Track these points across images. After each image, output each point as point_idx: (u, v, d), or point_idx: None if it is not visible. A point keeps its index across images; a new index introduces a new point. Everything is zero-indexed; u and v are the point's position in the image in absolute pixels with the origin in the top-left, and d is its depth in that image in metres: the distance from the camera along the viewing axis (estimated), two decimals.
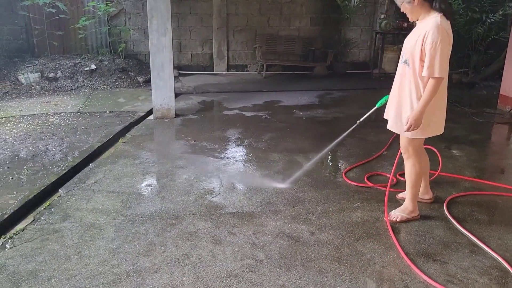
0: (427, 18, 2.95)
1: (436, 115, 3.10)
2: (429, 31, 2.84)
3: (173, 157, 4.73)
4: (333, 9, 10.09)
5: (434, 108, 3.03)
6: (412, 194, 3.32)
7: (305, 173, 4.19)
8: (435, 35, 2.81)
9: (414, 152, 3.21)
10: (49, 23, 8.59)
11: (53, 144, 4.86)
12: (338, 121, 6.26)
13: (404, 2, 2.98)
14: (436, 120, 3.12)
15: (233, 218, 3.35)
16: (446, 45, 2.85)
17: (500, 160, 4.80)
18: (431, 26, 2.84)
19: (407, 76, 3.04)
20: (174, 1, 9.20)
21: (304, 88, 8.43)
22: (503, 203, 3.68)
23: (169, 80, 6.02)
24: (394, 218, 3.32)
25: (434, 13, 2.92)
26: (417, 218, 3.36)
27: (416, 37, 2.95)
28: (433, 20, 2.87)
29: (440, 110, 3.12)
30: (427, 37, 2.84)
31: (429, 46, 2.83)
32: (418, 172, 3.25)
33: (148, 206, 3.52)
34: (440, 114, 3.13)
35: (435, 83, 2.86)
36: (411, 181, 3.29)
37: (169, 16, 5.79)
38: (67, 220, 3.28)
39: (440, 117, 3.14)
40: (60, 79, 7.94)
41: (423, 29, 2.90)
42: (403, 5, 3.01)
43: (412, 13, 3.01)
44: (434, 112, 3.05)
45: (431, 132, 3.13)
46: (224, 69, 10.09)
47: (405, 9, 3.02)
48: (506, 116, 6.52)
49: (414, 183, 3.29)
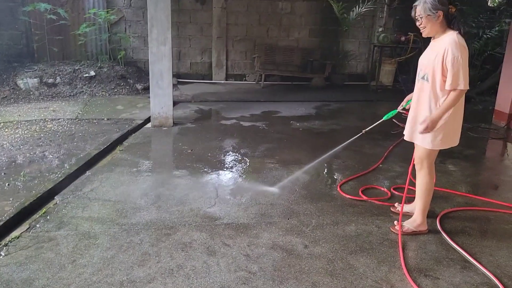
0: (443, 36, 3.07)
1: (455, 127, 3.23)
2: (448, 48, 2.96)
3: (170, 166, 4.75)
4: (332, 21, 10.18)
5: (454, 120, 3.16)
6: (423, 206, 3.38)
7: (304, 178, 4.23)
8: (455, 50, 2.94)
9: (428, 164, 3.30)
10: (50, 29, 8.64)
11: (50, 151, 4.88)
12: (335, 133, 6.31)
13: (430, 16, 3.04)
14: (455, 132, 3.25)
15: (228, 229, 3.37)
16: (465, 59, 2.98)
17: (493, 176, 4.84)
18: (450, 43, 2.97)
19: (426, 91, 3.15)
20: (175, 10, 9.29)
21: (301, 99, 8.49)
22: (495, 219, 3.71)
23: (167, 88, 6.07)
24: (405, 229, 3.38)
25: (450, 31, 3.06)
26: (425, 233, 3.40)
27: (435, 54, 3.06)
28: (450, 37, 3.01)
29: (458, 123, 3.25)
30: (447, 53, 2.96)
31: (451, 62, 2.95)
32: (430, 184, 3.34)
33: (144, 216, 3.54)
34: (458, 126, 3.27)
35: (458, 94, 3.00)
36: (422, 193, 3.36)
37: (169, 26, 5.85)
38: (62, 228, 3.29)
39: (458, 129, 3.27)
40: (59, 85, 7.97)
41: (442, 46, 3.02)
42: (426, 18, 3.06)
43: (431, 29, 3.10)
44: (453, 124, 3.18)
45: (450, 143, 3.25)
46: (223, 78, 10.15)
47: (426, 23, 3.08)
48: (501, 132, 6.58)
49: (425, 194, 3.35)
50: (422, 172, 3.34)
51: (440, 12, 3.02)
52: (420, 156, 3.31)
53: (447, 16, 3.05)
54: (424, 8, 3.05)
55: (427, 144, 3.19)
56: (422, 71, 3.20)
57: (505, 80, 6.88)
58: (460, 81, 2.95)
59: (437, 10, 3.01)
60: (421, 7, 3.07)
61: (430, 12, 3.03)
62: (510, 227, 3.57)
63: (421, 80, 3.20)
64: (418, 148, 3.32)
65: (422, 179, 3.34)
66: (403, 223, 3.41)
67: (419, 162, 3.34)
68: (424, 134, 3.15)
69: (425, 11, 3.05)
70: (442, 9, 3.02)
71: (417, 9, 3.11)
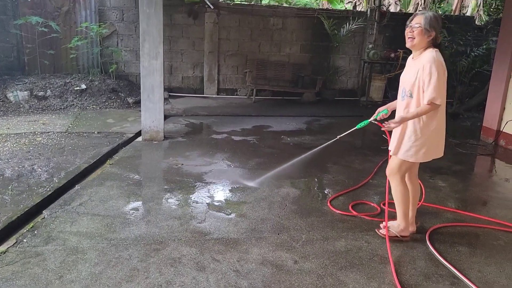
0: (424, 53, 3.19)
1: (437, 140, 3.32)
2: (426, 64, 3.09)
3: (160, 180, 4.73)
4: (323, 37, 10.32)
5: (436, 135, 3.28)
6: (403, 212, 3.48)
7: (294, 193, 4.23)
8: (432, 66, 3.06)
9: (399, 174, 3.39)
10: (41, 42, 8.64)
11: (39, 164, 4.84)
12: (325, 148, 6.31)
13: (424, 30, 3.14)
14: (437, 145, 3.34)
15: (218, 244, 3.35)
16: (442, 76, 3.08)
17: (482, 192, 4.89)
18: (427, 60, 3.10)
19: (412, 107, 3.24)
20: (167, 25, 9.36)
21: (292, 114, 8.54)
22: (484, 235, 3.74)
23: (159, 102, 6.07)
24: (384, 231, 3.49)
25: (430, 48, 3.18)
26: (407, 240, 3.51)
27: (416, 70, 3.18)
28: (429, 54, 3.14)
29: (440, 136, 3.34)
30: (425, 69, 3.09)
31: (427, 78, 3.07)
32: (404, 192, 3.42)
33: (133, 230, 3.51)
34: (440, 139, 3.35)
35: (431, 108, 3.12)
36: (399, 201, 3.46)
37: (161, 40, 5.88)
38: (50, 243, 3.25)
39: (440, 142, 3.36)
40: (49, 98, 7.94)
41: (421, 63, 3.14)
42: (420, 31, 3.15)
43: (419, 42, 3.19)
44: (435, 138, 3.29)
45: (432, 156, 3.34)
46: (214, 92, 10.19)
47: (417, 34, 3.17)
48: (489, 148, 6.67)
49: (402, 202, 3.45)
50: (393, 183, 3.45)
51: (433, 32, 3.15)
52: (392, 167, 3.42)
53: (435, 39, 3.18)
54: (425, 20, 3.16)
55: (410, 157, 3.29)
56: (405, 88, 3.29)
57: (492, 98, 6.99)
58: (436, 96, 3.06)
59: (432, 29, 3.14)
60: (422, 18, 3.18)
61: (427, 26, 3.15)
62: (499, 243, 3.60)
63: (406, 98, 3.28)
64: (393, 160, 3.42)
65: (396, 188, 3.44)
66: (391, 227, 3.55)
67: (390, 173, 3.45)
68: (408, 148, 3.26)
69: (424, 24, 3.15)
70: (436, 30, 3.16)
71: (417, 17, 3.22)
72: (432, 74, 3.05)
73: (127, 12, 9.46)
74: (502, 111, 6.78)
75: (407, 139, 3.27)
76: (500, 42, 6.93)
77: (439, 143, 3.36)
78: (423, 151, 3.25)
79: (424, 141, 3.23)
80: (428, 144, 3.25)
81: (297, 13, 10.26)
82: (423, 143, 3.23)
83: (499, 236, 3.73)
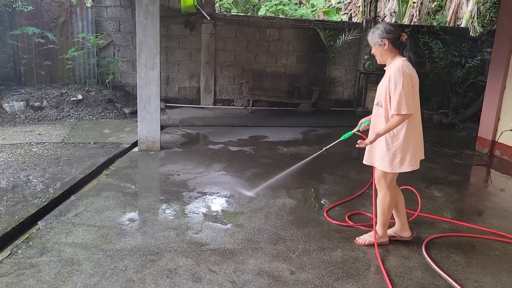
0: (392, 62, 3.26)
1: (413, 151, 3.30)
2: (391, 75, 3.14)
3: (156, 191, 4.72)
4: (319, 48, 10.39)
5: (409, 145, 3.27)
6: (384, 221, 3.55)
7: (291, 203, 4.23)
8: (398, 77, 3.11)
9: (386, 184, 3.43)
10: (38, 52, 8.65)
11: (35, 175, 4.82)
12: (321, 159, 6.33)
13: (376, 45, 3.28)
14: (413, 155, 3.32)
15: (214, 255, 3.34)
16: (408, 85, 3.11)
17: (477, 202, 4.90)
18: (393, 70, 3.16)
19: (381, 116, 3.30)
20: (164, 36, 9.41)
21: (289, 124, 8.56)
22: (480, 245, 3.74)
23: (155, 113, 6.08)
24: (362, 241, 3.58)
25: (398, 58, 3.23)
26: (386, 243, 3.59)
27: (385, 81, 3.24)
28: (396, 64, 3.19)
29: (415, 147, 3.32)
30: (391, 80, 3.14)
31: (393, 88, 3.12)
32: (389, 202, 3.48)
33: (129, 241, 3.49)
34: (416, 150, 3.33)
35: (401, 119, 3.13)
36: (381, 210, 3.52)
37: (157, 51, 5.91)
38: (44, 254, 3.23)
39: (416, 153, 3.34)
40: (45, 108, 7.94)
41: (388, 74, 3.21)
42: (375, 47, 3.32)
43: (381, 56, 3.32)
44: (409, 148, 3.28)
45: (409, 167, 3.32)
46: (211, 103, 10.21)
47: (376, 50, 3.33)
48: (484, 158, 6.70)
49: (384, 211, 3.51)
50: (381, 193, 3.49)
51: (385, 40, 3.23)
52: (378, 177, 3.47)
53: (395, 44, 3.23)
54: (372, 37, 3.30)
55: (386, 168, 3.33)
56: (377, 97, 3.36)
57: (487, 108, 7.04)
58: (403, 106, 3.08)
59: (382, 39, 3.23)
60: (370, 37, 3.32)
61: (376, 41, 3.26)
62: (495, 254, 3.60)
63: (376, 106, 3.36)
64: (377, 170, 3.47)
65: (382, 199, 3.49)
66: (365, 236, 3.65)
67: (377, 183, 3.51)
68: (382, 159, 3.31)
69: (373, 40, 3.29)
70: (388, 37, 3.22)
71: (368, 39, 3.36)
72: (397, 85, 3.10)
73: (124, 23, 9.51)
74: (497, 122, 6.82)
75: (379, 150, 3.34)
76: (494, 54, 7.00)
77: (415, 154, 3.32)
78: (397, 161, 3.27)
79: (396, 151, 3.26)
80: (402, 154, 3.26)
81: (293, 24, 10.34)
82: (395, 153, 3.26)
83: (495, 246, 3.74)
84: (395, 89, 3.10)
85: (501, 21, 6.89)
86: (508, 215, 4.45)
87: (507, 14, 6.71)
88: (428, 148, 7.08)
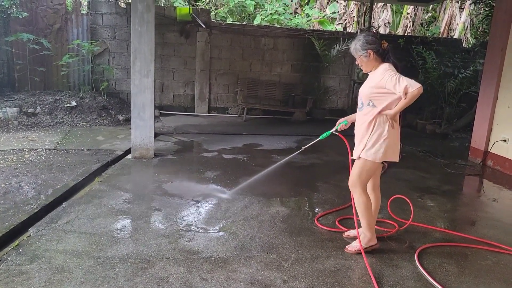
0: (378, 68, 3.39)
1: (395, 142, 3.46)
2: (382, 75, 3.29)
3: (149, 198, 4.70)
4: (314, 58, 10.46)
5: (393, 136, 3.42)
6: (367, 222, 3.56)
7: (284, 212, 4.22)
8: (390, 73, 3.25)
9: (360, 183, 3.49)
10: (32, 59, 8.64)
11: (27, 181, 4.78)
12: (315, 167, 6.36)
13: (362, 56, 3.38)
14: (395, 147, 3.47)
15: (206, 263, 3.32)
16: None
17: (470, 212, 4.91)
18: (382, 71, 3.32)
19: (369, 114, 3.40)
20: (159, 44, 9.43)
21: (283, 133, 8.58)
22: (473, 255, 3.75)
23: (149, 120, 6.07)
24: (352, 249, 3.58)
25: (383, 64, 3.38)
26: (376, 247, 3.60)
27: (372, 84, 3.37)
28: (382, 67, 3.35)
29: (397, 139, 3.48)
30: (384, 79, 3.26)
31: (391, 81, 3.22)
32: (364, 201, 3.51)
33: (120, 249, 3.46)
34: (397, 142, 3.49)
35: (416, 93, 3.17)
36: (362, 212, 3.54)
37: (152, 59, 5.92)
38: (35, 261, 3.19)
39: (397, 145, 3.49)
40: (39, 115, 7.90)
41: (378, 77, 3.33)
42: (360, 58, 3.41)
43: (366, 66, 3.44)
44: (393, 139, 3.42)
45: (390, 157, 3.46)
46: (205, 110, 10.22)
47: (362, 61, 3.42)
48: (477, 168, 6.73)
49: (365, 212, 3.53)
50: (356, 193, 3.53)
51: (369, 51, 3.34)
52: (353, 176, 3.51)
53: (378, 53, 3.36)
54: (355, 49, 3.40)
55: (370, 156, 3.40)
56: (363, 100, 3.45)
57: (480, 119, 7.10)
58: (411, 85, 3.15)
59: (367, 50, 3.34)
60: (353, 49, 3.43)
61: (361, 53, 3.36)
62: (487, 264, 3.61)
63: (365, 107, 3.44)
64: (353, 168, 3.53)
65: (358, 199, 3.52)
66: (354, 243, 3.64)
67: (352, 185, 3.54)
68: (368, 148, 3.40)
69: (357, 52, 3.40)
70: (371, 47, 3.34)
71: (352, 52, 3.45)
72: (395, 76, 3.22)
73: (119, 30, 9.53)
74: (490, 132, 6.88)
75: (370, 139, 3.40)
76: (486, 65, 7.07)
77: (396, 145, 3.48)
78: (382, 151, 3.37)
79: (383, 142, 3.36)
80: (388, 144, 3.37)
81: (288, 33, 10.41)
82: (381, 144, 3.36)
83: (488, 256, 3.74)
84: (396, 78, 3.20)
85: (494, 33, 6.98)
86: (501, 225, 4.47)
87: (499, 26, 6.79)
88: (422, 158, 7.14)
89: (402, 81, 3.19)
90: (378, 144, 3.38)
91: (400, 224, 4.18)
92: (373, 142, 3.39)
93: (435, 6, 14.67)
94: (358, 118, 3.57)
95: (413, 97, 3.20)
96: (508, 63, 6.60)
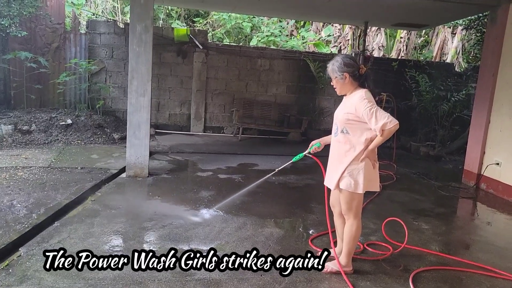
0: (354, 92, 3.34)
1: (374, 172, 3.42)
2: (358, 104, 3.21)
3: (142, 218, 4.66)
4: (309, 79, 10.57)
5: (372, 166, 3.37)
6: (349, 250, 3.54)
7: (278, 233, 4.19)
8: (365, 103, 3.19)
9: (353, 211, 3.44)
10: (29, 76, 8.67)
11: (19, 200, 4.74)
12: (309, 188, 6.36)
13: (337, 78, 3.34)
14: (375, 177, 3.45)
15: (199, 285, 3.28)
16: None
17: (464, 235, 4.91)
18: (357, 99, 3.24)
19: (344, 141, 3.36)
20: (156, 63, 9.51)
21: (278, 153, 8.59)
22: (467, 279, 3.73)
23: (144, 139, 6.07)
24: (329, 269, 3.55)
25: (359, 89, 3.33)
26: (351, 273, 3.56)
27: (347, 110, 3.32)
28: (358, 94, 3.28)
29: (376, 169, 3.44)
30: (359, 108, 3.20)
31: (367, 114, 3.16)
32: (356, 231, 3.48)
33: (112, 270, 3.41)
34: (376, 172, 3.45)
35: (393, 130, 3.16)
36: (349, 239, 3.50)
37: (149, 78, 5.96)
38: (24, 282, 3.14)
39: (376, 174, 3.46)
40: (33, 132, 7.88)
41: (352, 103, 3.27)
42: (336, 80, 3.37)
43: (341, 88, 3.40)
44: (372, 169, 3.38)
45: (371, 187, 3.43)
46: (201, 130, 10.25)
47: (337, 83, 3.38)
48: (470, 191, 6.75)
49: (351, 241, 3.50)
50: (349, 221, 3.49)
51: (346, 74, 3.30)
52: (345, 205, 3.45)
53: (355, 77, 3.31)
54: (332, 70, 3.37)
55: (351, 188, 3.34)
56: (338, 125, 3.41)
57: (472, 142, 7.16)
58: (391, 119, 3.14)
59: (343, 73, 3.30)
60: (330, 69, 3.39)
61: (337, 74, 3.33)
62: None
63: (339, 134, 3.39)
64: (343, 197, 3.45)
65: (349, 227, 3.49)
66: (328, 264, 3.61)
67: (346, 212, 3.48)
68: (348, 180, 3.33)
69: (333, 73, 3.36)
70: (348, 71, 3.30)
71: (328, 72, 3.42)
72: (371, 107, 3.16)
73: (117, 50, 9.60)
74: (483, 155, 6.93)
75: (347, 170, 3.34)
76: (478, 89, 7.17)
77: (375, 174, 3.44)
78: (361, 182, 3.31)
79: (358, 174, 3.31)
80: (367, 175, 3.32)
81: (284, 55, 10.54)
82: (361, 175, 3.31)
83: (482, 280, 3.72)
84: (373, 112, 3.15)
85: (485, 58, 7.10)
86: (495, 249, 4.46)
87: (490, 51, 6.92)
88: (416, 180, 7.16)
89: (380, 118, 3.14)
90: (356, 176, 3.33)
91: (394, 247, 4.16)
92: (349, 173, 3.34)
93: (427, 31, 14.94)
94: (333, 143, 3.53)
95: (390, 133, 3.18)
96: (500, 87, 6.71)
